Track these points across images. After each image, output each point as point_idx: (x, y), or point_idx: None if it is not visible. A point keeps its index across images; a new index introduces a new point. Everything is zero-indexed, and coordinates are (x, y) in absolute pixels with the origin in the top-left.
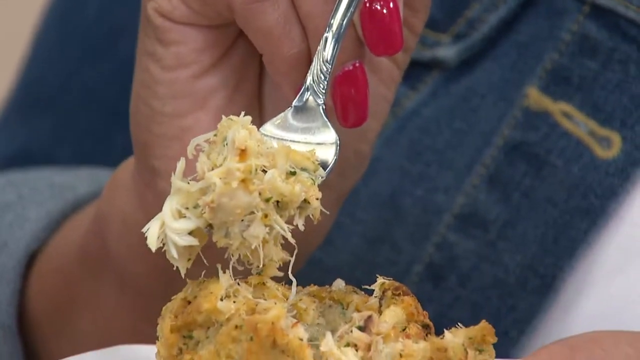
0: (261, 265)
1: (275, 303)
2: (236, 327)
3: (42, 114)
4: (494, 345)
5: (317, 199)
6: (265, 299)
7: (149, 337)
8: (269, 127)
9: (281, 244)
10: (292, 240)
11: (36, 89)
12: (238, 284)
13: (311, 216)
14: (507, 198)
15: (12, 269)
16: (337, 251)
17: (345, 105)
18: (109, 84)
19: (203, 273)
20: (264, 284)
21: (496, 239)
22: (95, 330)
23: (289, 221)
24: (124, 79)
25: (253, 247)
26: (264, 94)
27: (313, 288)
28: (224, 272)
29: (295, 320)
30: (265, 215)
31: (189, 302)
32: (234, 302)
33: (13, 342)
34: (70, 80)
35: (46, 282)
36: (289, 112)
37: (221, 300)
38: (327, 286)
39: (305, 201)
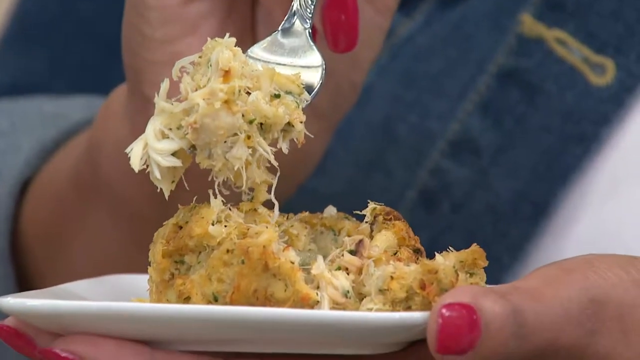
0: (244, 187)
1: (267, 227)
2: (227, 251)
3: (37, 48)
4: (486, 269)
5: (301, 122)
6: (256, 225)
7: (144, 267)
8: (256, 50)
9: (267, 168)
10: (275, 163)
11: (30, 23)
12: (230, 209)
13: (295, 140)
14: (500, 125)
15: (6, 195)
16: (330, 179)
17: (335, 30)
18: (106, 16)
19: (195, 199)
20: (255, 210)
21: (489, 165)
22: (88, 259)
23: (273, 144)
24: (121, 11)
25: (236, 168)
26: (258, 22)
27: (304, 214)
28: (215, 198)
29: (286, 245)
30: (248, 137)
31: (181, 227)
32: (226, 226)
33: (5, 267)
34: (65, 13)
35: (39, 208)
36: (276, 35)
37: (212, 225)
38: (318, 213)
39: (290, 124)
